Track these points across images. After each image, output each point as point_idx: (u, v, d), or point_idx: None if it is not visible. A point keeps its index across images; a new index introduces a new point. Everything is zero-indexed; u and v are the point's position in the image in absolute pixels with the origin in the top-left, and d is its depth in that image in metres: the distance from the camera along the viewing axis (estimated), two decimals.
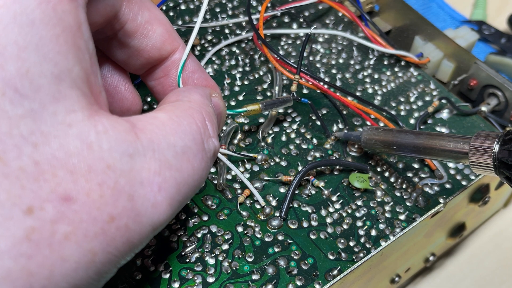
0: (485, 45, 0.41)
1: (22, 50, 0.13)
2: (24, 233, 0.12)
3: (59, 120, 0.13)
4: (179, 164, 0.16)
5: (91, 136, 0.13)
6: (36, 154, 0.13)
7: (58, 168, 0.13)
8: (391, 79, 0.30)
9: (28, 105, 0.13)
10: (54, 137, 0.13)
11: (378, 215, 0.24)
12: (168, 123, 0.16)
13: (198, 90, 0.19)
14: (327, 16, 0.34)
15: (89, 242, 0.13)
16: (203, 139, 0.17)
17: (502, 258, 0.31)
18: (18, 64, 0.12)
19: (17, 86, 0.12)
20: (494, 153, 0.20)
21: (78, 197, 0.13)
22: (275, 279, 0.22)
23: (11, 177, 0.12)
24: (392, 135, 0.24)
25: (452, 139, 0.21)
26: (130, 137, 0.14)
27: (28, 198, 0.12)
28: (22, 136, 0.12)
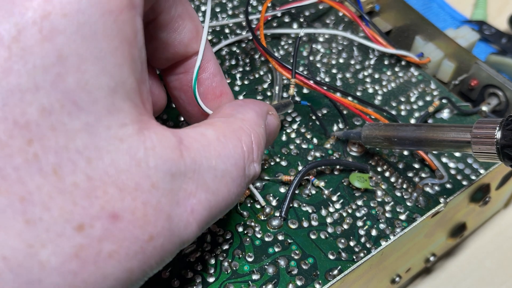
0: (486, 45, 0.41)
1: (83, 62, 0.12)
2: (73, 250, 0.12)
3: (112, 134, 0.13)
4: (216, 188, 0.16)
5: (140, 153, 0.13)
6: (90, 169, 0.12)
7: (109, 185, 0.13)
8: (392, 79, 0.30)
9: (85, 118, 0.12)
10: (107, 152, 0.13)
11: (378, 215, 0.24)
12: (213, 144, 0.16)
13: (255, 106, 0.19)
14: (327, 16, 0.34)
15: (129, 261, 0.13)
16: (245, 164, 0.17)
17: (502, 258, 0.31)
18: (78, 76, 0.12)
19: (75, 99, 0.12)
20: (497, 139, 0.19)
21: (124, 215, 0.13)
22: (275, 279, 0.22)
23: (65, 193, 0.12)
24: (392, 128, 0.24)
25: (454, 129, 0.21)
26: (175, 155, 0.14)
27: (79, 215, 0.12)
28: (77, 151, 0.12)
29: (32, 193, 0.12)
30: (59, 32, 0.12)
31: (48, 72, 0.12)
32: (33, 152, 0.12)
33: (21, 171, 0.12)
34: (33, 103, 0.12)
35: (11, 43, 0.12)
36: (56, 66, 0.12)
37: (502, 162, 0.20)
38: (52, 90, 0.12)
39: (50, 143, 0.12)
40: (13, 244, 0.12)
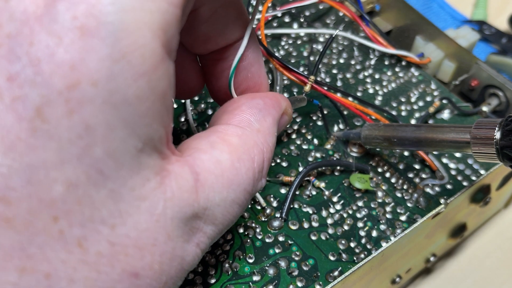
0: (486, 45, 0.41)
1: (112, 130, 0.12)
2: None
3: (135, 195, 0.13)
4: (223, 219, 0.16)
5: (159, 207, 0.13)
6: (113, 236, 0.12)
7: (130, 247, 0.13)
8: (392, 79, 0.30)
9: (110, 185, 0.12)
10: (129, 216, 0.12)
11: (379, 216, 0.24)
12: (227, 173, 0.16)
13: (273, 111, 0.18)
14: (327, 16, 0.34)
15: None
16: (253, 187, 0.17)
17: (503, 258, 0.31)
18: (106, 145, 0.12)
19: (102, 168, 0.12)
20: (496, 140, 0.19)
21: (143, 272, 0.13)
22: (276, 280, 0.22)
23: (89, 264, 0.12)
24: (392, 128, 0.24)
25: (453, 129, 0.21)
26: (191, 199, 0.14)
27: (102, 282, 0.12)
28: (102, 220, 0.12)
29: (57, 269, 0.12)
30: (87, 102, 0.11)
31: (75, 145, 0.11)
32: (58, 229, 0.12)
33: (46, 249, 0.11)
34: (58, 179, 0.11)
35: (35, 116, 0.11)
36: (83, 138, 0.11)
37: (502, 162, 0.20)
38: (78, 163, 0.11)
39: (76, 218, 0.12)
40: None
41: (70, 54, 0.11)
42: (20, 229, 0.11)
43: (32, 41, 0.11)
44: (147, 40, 0.12)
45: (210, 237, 0.15)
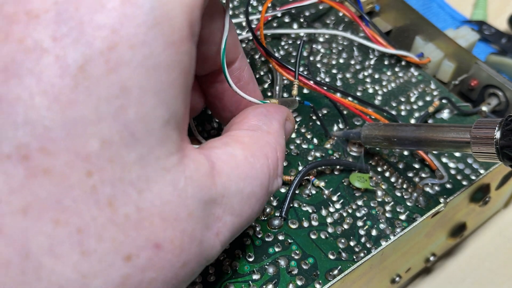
0: (486, 45, 0.41)
1: (144, 94, 0.12)
2: (120, 280, 0.12)
3: (161, 165, 0.13)
4: (241, 210, 0.16)
5: (181, 183, 0.14)
6: (140, 201, 0.13)
7: (155, 216, 0.13)
8: (392, 79, 0.30)
9: (140, 150, 0.12)
10: (155, 183, 0.13)
11: (378, 215, 0.24)
12: (242, 166, 0.16)
13: (278, 116, 0.19)
14: (327, 16, 0.34)
15: (165, 286, 0.14)
16: (269, 182, 0.17)
17: (502, 258, 0.31)
18: (139, 108, 0.12)
19: (134, 131, 0.12)
20: (496, 140, 0.19)
21: (165, 244, 0.13)
22: (276, 278, 0.22)
23: (117, 224, 0.12)
24: (392, 128, 0.24)
25: (453, 129, 0.21)
26: (208, 182, 0.15)
27: (128, 245, 0.12)
28: (131, 182, 0.12)
29: (88, 224, 0.12)
30: (124, 64, 0.12)
31: (111, 104, 0.12)
32: (92, 184, 0.12)
33: (79, 203, 0.12)
34: (95, 135, 0.12)
35: (78, 72, 0.12)
36: (119, 98, 0.12)
37: (502, 162, 0.20)
38: (113, 122, 0.12)
39: (107, 175, 0.12)
40: (69, 274, 0.12)
41: (111, 19, 0.12)
42: (57, 181, 0.12)
43: (77, 6, 0.12)
44: (177, 13, 0.13)
45: (229, 229, 0.16)
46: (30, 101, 0.11)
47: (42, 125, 0.11)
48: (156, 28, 0.12)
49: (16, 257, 0.11)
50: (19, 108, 0.11)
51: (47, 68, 0.11)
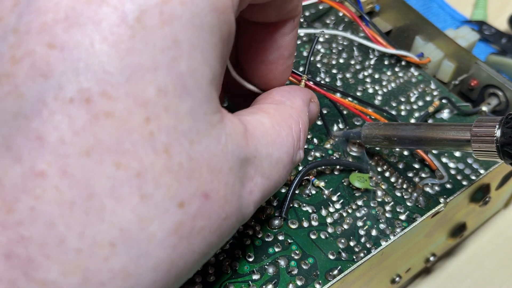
0: (486, 45, 0.41)
1: (193, 49, 0.13)
2: (174, 226, 0.13)
3: (208, 120, 0.14)
4: (270, 174, 0.17)
5: (223, 138, 0.14)
6: (191, 151, 0.13)
7: (204, 167, 0.13)
8: (392, 79, 0.30)
9: (191, 102, 0.13)
10: (203, 136, 0.14)
11: (378, 215, 0.24)
12: (270, 132, 0.17)
13: (301, 94, 0.20)
14: (327, 16, 0.34)
15: (211, 236, 0.14)
16: (294, 152, 0.18)
17: (502, 258, 0.31)
18: (189, 62, 0.13)
19: (185, 83, 0.13)
20: (496, 138, 0.19)
21: (212, 195, 0.14)
22: (275, 279, 0.22)
23: (172, 171, 0.13)
24: (392, 127, 0.24)
25: (453, 128, 0.21)
26: (243, 142, 0.15)
27: (182, 193, 0.13)
28: (183, 132, 0.13)
29: (146, 169, 0.12)
30: (176, 18, 0.13)
31: (165, 54, 0.12)
32: (149, 130, 0.12)
33: (139, 147, 0.12)
34: (152, 82, 0.12)
35: (135, 22, 0.12)
36: (172, 49, 0.13)
37: (502, 160, 0.20)
38: (168, 71, 0.13)
39: (163, 122, 0.13)
40: (129, 217, 0.12)
41: None
42: (117, 124, 0.12)
43: None
44: None
45: (260, 190, 0.16)
46: (91, 47, 0.12)
47: (103, 70, 0.12)
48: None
49: (80, 198, 0.12)
50: (81, 54, 0.12)
51: (106, 17, 0.12)
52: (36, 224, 0.12)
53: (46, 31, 0.12)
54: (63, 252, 0.12)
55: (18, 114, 0.12)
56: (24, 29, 0.12)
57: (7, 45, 0.12)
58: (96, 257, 0.12)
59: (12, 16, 0.12)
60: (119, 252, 0.12)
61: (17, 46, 0.12)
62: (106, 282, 0.12)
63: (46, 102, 0.12)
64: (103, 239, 0.12)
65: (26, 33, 0.12)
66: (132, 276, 0.12)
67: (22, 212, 0.12)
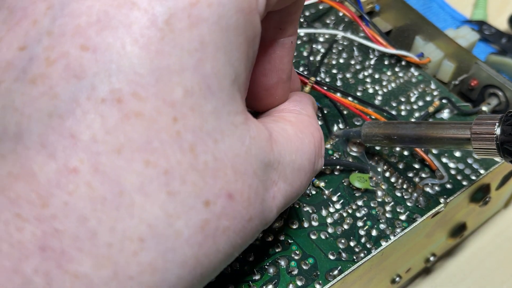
0: (486, 45, 0.41)
1: (218, 51, 0.13)
2: (200, 223, 0.13)
3: (231, 120, 0.14)
4: (293, 180, 0.17)
5: (247, 140, 0.14)
6: (216, 150, 0.13)
7: (228, 167, 0.14)
8: (392, 79, 0.30)
9: (215, 102, 0.13)
10: (227, 136, 0.14)
11: (378, 215, 0.24)
12: (293, 140, 0.17)
13: (310, 102, 0.20)
14: (327, 16, 0.34)
15: (235, 237, 0.14)
16: (315, 159, 0.18)
17: (502, 258, 0.31)
18: (214, 63, 0.13)
19: (210, 83, 0.13)
20: (496, 135, 0.19)
21: (236, 195, 0.14)
22: (276, 279, 0.22)
23: (198, 170, 0.13)
24: (392, 126, 0.24)
25: (453, 126, 0.21)
26: (268, 147, 0.16)
27: (207, 191, 0.13)
28: (208, 132, 0.13)
29: (173, 167, 0.13)
30: (203, 20, 0.13)
31: (192, 56, 0.13)
32: (177, 129, 0.13)
33: (166, 146, 0.13)
34: (179, 84, 0.13)
35: (164, 25, 0.12)
36: (198, 51, 0.13)
37: (502, 158, 0.20)
38: (194, 73, 0.13)
39: (189, 122, 0.13)
40: (157, 213, 0.12)
41: None
42: (147, 124, 0.12)
43: None
44: None
45: (283, 195, 0.16)
46: (122, 49, 0.12)
47: (134, 71, 0.12)
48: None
49: (111, 194, 0.12)
50: (113, 56, 0.12)
51: (137, 20, 0.12)
52: (69, 218, 0.12)
53: (80, 34, 0.12)
54: (95, 245, 0.12)
55: (53, 113, 0.12)
56: (58, 31, 0.12)
57: (41, 47, 0.12)
58: (125, 252, 0.12)
59: (46, 19, 0.13)
60: (148, 247, 0.12)
61: (51, 48, 0.12)
62: (134, 276, 0.12)
63: (79, 102, 0.12)
64: (132, 234, 0.12)
65: (60, 35, 0.12)
66: (159, 271, 0.13)
67: (56, 207, 0.12)
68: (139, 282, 0.12)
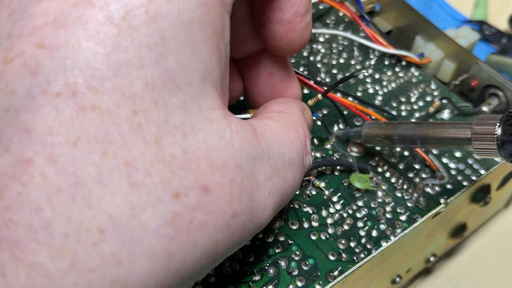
0: (486, 45, 0.41)
1: (181, 45, 0.13)
2: (170, 216, 0.13)
3: (204, 115, 0.14)
4: (285, 174, 0.17)
5: (227, 134, 0.14)
6: (185, 143, 0.13)
7: (201, 160, 0.14)
8: (392, 79, 0.30)
9: (182, 97, 0.13)
10: (199, 130, 0.14)
11: (379, 215, 0.24)
12: (279, 133, 0.17)
13: (297, 104, 0.20)
14: (327, 16, 0.34)
15: (216, 233, 0.14)
16: (303, 154, 0.18)
17: (503, 258, 0.31)
18: (177, 58, 0.13)
19: (174, 78, 0.13)
20: (497, 135, 0.19)
21: (214, 189, 0.14)
22: (276, 279, 0.22)
23: (164, 162, 0.13)
24: (393, 126, 0.24)
25: (454, 126, 0.21)
26: (254, 140, 0.15)
27: (176, 183, 0.13)
28: (175, 125, 0.13)
29: (136, 159, 0.13)
30: (162, 16, 0.13)
31: (152, 50, 0.13)
32: (137, 122, 0.13)
33: (127, 138, 0.13)
34: (138, 78, 0.13)
35: (120, 21, 0.13)
36: (159, 46, 0.13)
37: (503, 158, 0.20)
38: (155, 67, 0.13)
39: (152, 115, 0.13)
40: (118, 204, 0.12)
41: None
42: (104, 116, 0.12)
43: None
44: None
45: (279, 191, 0.16)
46: (77, 45, 0.12)
47: (89, 66, 0.12)
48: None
49: (66, 184, 0.12)
50: (67, 52, 0.12)
51: (92, 18, 0.13)
52: (23, 209, 0.12)
53: (36, 33, 0.13)
54: (51, 236, 0.12)
55: (9, 108, 0.12)
56: (16, 33, 0.13)
57: (1, 49, 0.13)
58: (84, 242, 0.12)
59: (7, 24, 0.13)
60: (109, 238, 0.12)
61: (9, 48, 0.13)
62: (96, 268, 0.12)
63: (35, 96, 0.12)
64: (90, 225, 0.12)
65: (18, 36, 0.13)
66: (125, 263, 0.13)
67: (10, 198, 0.12)
68: (102, 274, 0.12)
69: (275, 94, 0.21)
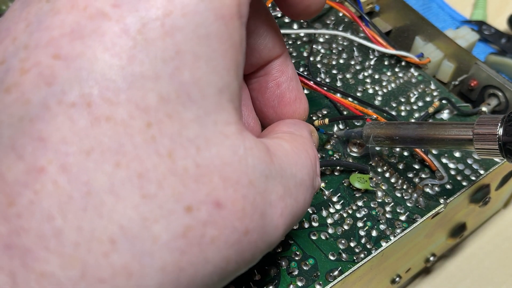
0: (485, 45, 0.42)
1: (198, 59, 0.13)
2: (182, 229, 0.13)
3: (218, 129, 0.14)
4: (297, 195, 0.16)
5: (241, 150, 0.14)
6: (198, 157, 0.13)
7: (214, 174, 0.13)
8: (392, 80, 0.30)
9: (196, 110, 0.13)
10: (213, 144, 0.14)
11: (378, 215, 0.24)
12: (291, 154, 0.17)
13: (305, 126, 0.20)
14: (327, 16, 0.34)
15: (227, 250, 0.14)
16: (313, 175, 0.18)
17: (502, 258, 0.31)
18: (193, 71, 0.13)
19: (189, 91, 0.13)
20: (499, 136, 0.19)
21: (226, 204, 0.14)
22: (276, 279, 0.22)
23: (177, 175, 0.13)
24: (394, 127, 0.24)
25: (455, 126, 0.21)
26: (267, 159, 0.15)
27: (188, 197, 0.13)
28: (188, 139, 0.13)
29: (148, 170, 0.13)
30: (178, 30, 0.13)
31: (167, 64, 0.13)
32: (151, 134, 0.13)
33: (140, 150, 0.13)
34: (153, 90, 0.13)
35: (136, 34, 0.13)
36: (174, 60, 0.13)
37: (504, 158, 0.20)
38: (170, 81, 0.13)
39: (166, 128, 0.13)
40: (130, 215, 0.12)
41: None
42: (118, 128, 0.12)
43: None
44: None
45: (291, 212, 0.16)
46: (93, 57, 0.13)
47: (104, 77, 0.12)
48: (206, 1, 0.13)
49: (78, 193, 0.12)
50: (83, 63, 0.12)
51: (108, 30, 0.13)
52: (35, 217, 0.12)
53: (53, 44, 0.13)
54: (61, 244, 0.12)
55: (24, 117, 0.12)
56: (33, 44, 0.13)
57: (18, 59, 0.13)
58: (94, 252, 0.12)
59: (24, 35, 0.13)
60: (120, 248, 0.12)
61: (26, 59, 0.13)
62: (106, 279, 0.12)
63: (50, 106, 0.12)
64: (101, 235, 0.12)
65: (35, 47, 0.13)
66: (135, 275, 0.12)
67: (22, 205, 0.12)
68: (112, 285, 0.12)
69: (282, 104, 0.21)
